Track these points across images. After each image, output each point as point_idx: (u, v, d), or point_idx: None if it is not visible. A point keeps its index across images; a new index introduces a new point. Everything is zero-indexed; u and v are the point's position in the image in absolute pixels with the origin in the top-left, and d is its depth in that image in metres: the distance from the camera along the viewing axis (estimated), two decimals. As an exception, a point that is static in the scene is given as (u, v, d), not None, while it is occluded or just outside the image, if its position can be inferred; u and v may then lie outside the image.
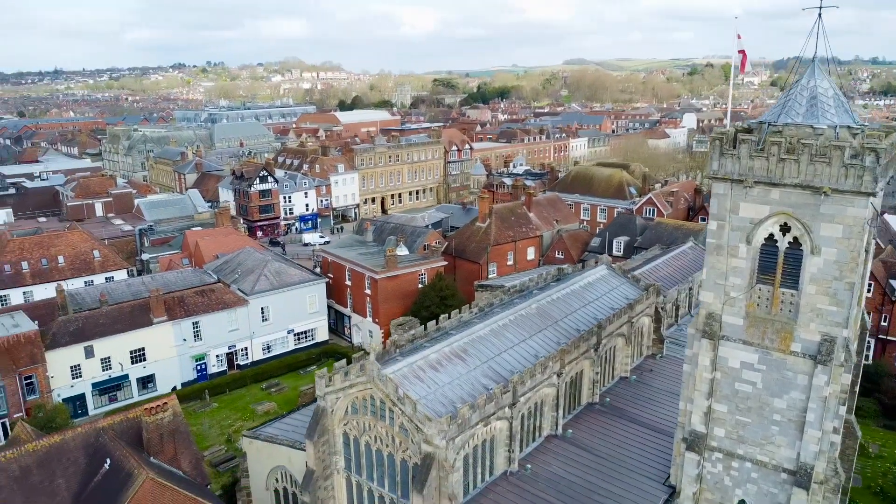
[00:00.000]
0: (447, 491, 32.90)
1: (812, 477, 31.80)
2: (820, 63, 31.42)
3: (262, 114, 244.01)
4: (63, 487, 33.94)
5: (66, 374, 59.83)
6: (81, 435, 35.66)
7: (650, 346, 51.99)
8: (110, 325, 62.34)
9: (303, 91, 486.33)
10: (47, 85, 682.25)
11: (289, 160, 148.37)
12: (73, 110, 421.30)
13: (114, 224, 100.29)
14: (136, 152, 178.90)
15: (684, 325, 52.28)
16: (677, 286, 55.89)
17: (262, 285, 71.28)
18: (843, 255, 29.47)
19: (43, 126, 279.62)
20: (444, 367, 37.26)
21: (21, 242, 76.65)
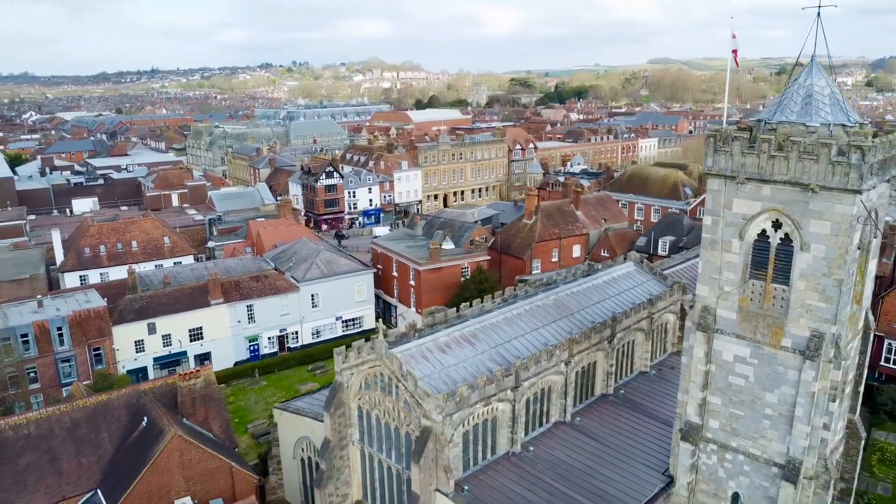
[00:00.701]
0: (443, 463, 35.07)
1: (801, 472, 32.18)
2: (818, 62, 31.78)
3: (337, 112, 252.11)
4: (106, 440, 38.19)
5: (130, 348, 65.38)
6: (125, 396, 39.90)
7: (675, 344, 52.28)
8: (172, 304, 67.60)
9: (381, 90, 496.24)
10: (144, 83, 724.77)
11: (356, 157, 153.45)
12: (165, 107, 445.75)
13: (187, 213, 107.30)
14: (216, 148, 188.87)
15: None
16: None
17: (313, 273, 75.25)
18: (831, 251, 29.84)
19: (136, 122, 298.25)
20: (452, 349, 39.39)
21: (100, 228, 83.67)
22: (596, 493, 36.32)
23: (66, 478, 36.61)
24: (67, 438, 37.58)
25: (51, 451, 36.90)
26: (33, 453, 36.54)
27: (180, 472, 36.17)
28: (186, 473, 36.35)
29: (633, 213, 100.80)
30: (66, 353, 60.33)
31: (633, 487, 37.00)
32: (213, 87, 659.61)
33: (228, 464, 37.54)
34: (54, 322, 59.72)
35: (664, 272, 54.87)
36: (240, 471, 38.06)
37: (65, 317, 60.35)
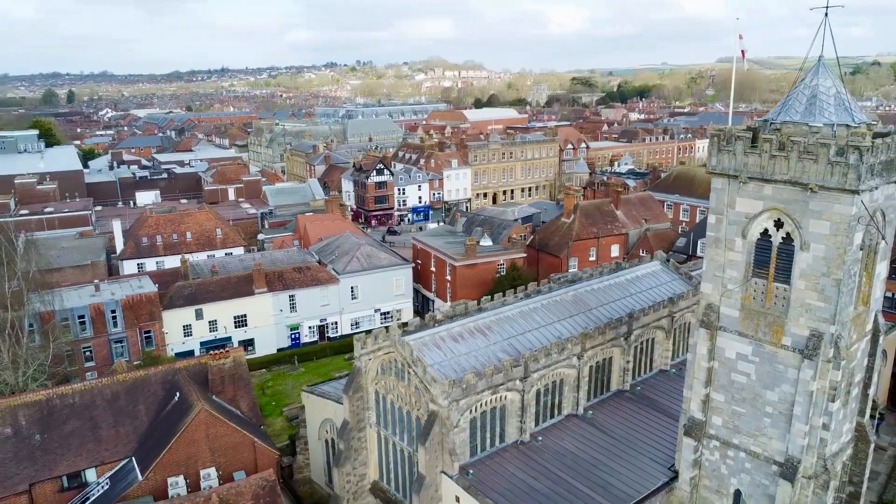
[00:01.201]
0: (449, 447, 36.65)
1: (798, 470, 32.34)
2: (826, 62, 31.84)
3: (394, 111, 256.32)
4: (143, 412, 41.32)
5: (178, 332, 69.33)
6: (161, 372, 43.00)
7: (699, 344, 52.19)
8: (218, 292, 71.28)
9: (441, 89, 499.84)
10: (214, 82, 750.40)
11: (408, 155, 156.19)
12: (232, 105, 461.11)
13: (241, 207, 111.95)
14: (276, 145, 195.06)
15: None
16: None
17: (353, 266, 77.86)
18: (830, 251, 29.98)
19: (204, 119, 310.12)
20: (465, 339, 40.89)
21: (157, 219, 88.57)
22: (598, 484, 37.19)
23: (105, 444, 39.84)
24: (108, 409, 40.85)
25: (92, 420, 40.22)
26: (77, 420, 39.92)
27: (206, 445, 38.84)
28: (212, 446, 39.00)
29: (679, 214, 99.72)
30: (119, 335, 64.64)
31: (637, 480, 37.69)
32: (280, 86, 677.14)
33: (251, 439, 40.05)
34: (109, 305, 64.09)
35: (692, 273, 54.81)
36: (262, 446, 40.51)
37: (118, 301, 64.65)
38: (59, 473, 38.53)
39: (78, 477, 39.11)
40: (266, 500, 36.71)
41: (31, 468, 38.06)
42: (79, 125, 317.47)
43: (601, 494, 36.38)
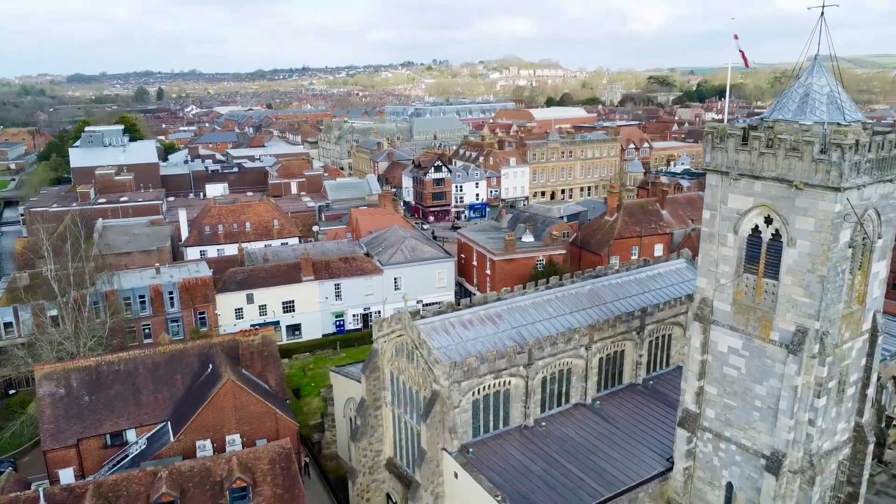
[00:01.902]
0: (449, 425, 38.74)
1: (783, 464, 32.76)
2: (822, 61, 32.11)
3: (462, 109, 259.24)
4: (179, 381, 45.30)
5: (230, 315, 74.05)
6: (198, 346, 46.94)
7: (721, 342, 52.19)
8: (268, 278, 75.64)
9: (514, 88, 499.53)
10: (295, 81, 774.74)
11: (468, 152, 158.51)
12: (310, 103, 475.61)
13: (302, 200, 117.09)
14: (343, 141, 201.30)
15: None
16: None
17: (397, 258, 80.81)
18: (815, 248, 30.39)
19: (281, 117, 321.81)
20: (474, 326, 42.83)
21: (220, 210, 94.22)
22: (592, 469, 38.45)
23: (145, 408, 44.01)
24: (149, 377, 45.06)
25: (135, 386, 44.49)
26: (121, 385, 44.26)
27: (233, 413, 42.37)
28: (237, 414, 42.50)
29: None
30: (175, 314, 69.77)
31: (632, 468, 38.72)
32: (357, 85, 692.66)
33: (273, 410, 43.33)
34: (167, 287, 69.31)
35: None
36: (283, 417, 43.74)
37: (176, 283, 69.80)
38: (104, 432, 42.92)
39: (119, 436, 43.44)
40: (281, 465, 39.85)
41: (80, 425, 42.57)
42: (164, 121, 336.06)
43: (593, 479, 37.65)
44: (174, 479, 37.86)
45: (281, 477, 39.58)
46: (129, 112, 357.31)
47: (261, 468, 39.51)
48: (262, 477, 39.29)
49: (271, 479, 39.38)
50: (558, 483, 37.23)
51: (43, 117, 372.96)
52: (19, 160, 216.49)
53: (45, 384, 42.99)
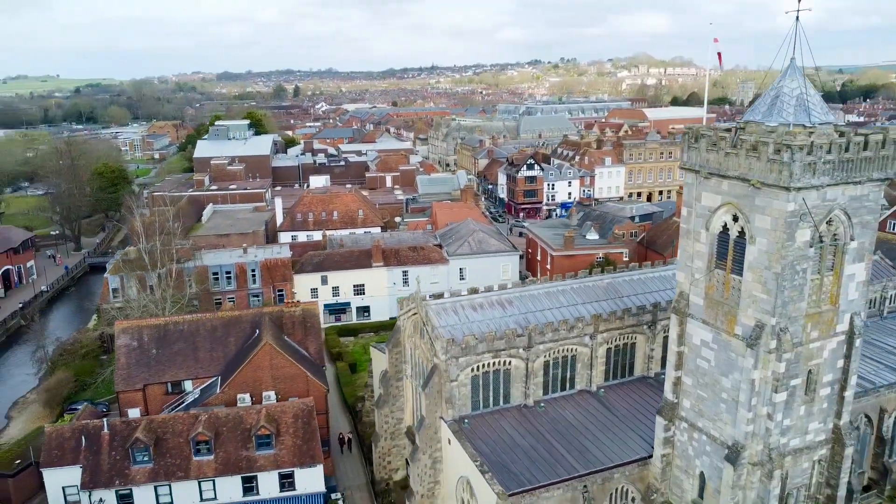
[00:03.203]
0: (446, 396, 42.46)
1: (742, 456, 33.87)
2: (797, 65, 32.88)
3: (575, 108, 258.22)
4: (232, 343, 52.02)
5: (307, 294, 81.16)
6: (251, 314, 53.50)
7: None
8: (342, 262, 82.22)
9: (638, 87, 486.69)
10: (423, 79, 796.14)
11: (565, 151, 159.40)
12: (432, 101, 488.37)
13: (393, 193, 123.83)
14: (450, 139, 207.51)
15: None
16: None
17: (463, 250, 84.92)
18: (772, 245, 31.49)
19: (401, 114, 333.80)
20: (484, 309, 46.20)
21: (312, 199, 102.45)
22: (577, 448, 40.81)
23: (201, 364, 51.04)
24: (207, 337, 52.11)
25: (194, 344, 51.66)
26: (183, 343, 51.57)
27: (269, 372, 48.38)
28: (273, 374, 48.46)
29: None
30: (256, 290, 77.81)
31: (615, 451, 40.70)
32: (481, 83, 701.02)
33: (305, 373, 48.92)
34: (250, 265, 77.47)
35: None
36: (313, 380, 49.23)
37: (258, 262, 77.82)
38: (166, 380, 50.37)
39: (179, 385, 50.76)
40: (303, 420, 45.47)
41: (147, 373, 50.24)
42: (295, 117, 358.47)
43: (574, 457, 40.04)
44: (211, 422, 44.33)
45: (302, 430, 45.16)
46: (266, 108, 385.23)
47: (285, 421, 45.25)
48: (285, 428, 45.03)
49: (293, 430, 45.02)
50: (539, 457, 39.97)
51: (190, 112, 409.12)
52: (162, 150, 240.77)
53: (122, 337, 51.10)
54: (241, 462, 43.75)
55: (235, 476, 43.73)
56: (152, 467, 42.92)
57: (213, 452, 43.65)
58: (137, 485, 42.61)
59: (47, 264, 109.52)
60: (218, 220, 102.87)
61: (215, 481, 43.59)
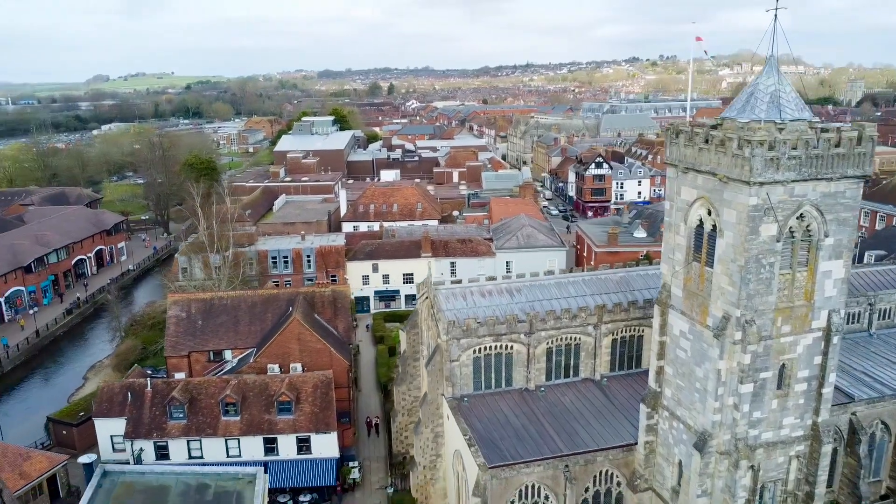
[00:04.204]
0: (446, 374, 45.17)
1: (709, 444, 34.76)
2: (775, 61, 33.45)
3: (661, 107, 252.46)
4: (269, 318, 56.75)
5: (358, 280, 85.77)
6: (287, 293, 58.12)
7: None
8: (392, 251, 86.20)
9: (737, 85, 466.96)
10: (517, 77, 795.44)
11: (639, 150, 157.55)
12: (523, 99, 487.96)
13: (458, 188, 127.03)
14: (528, 136, 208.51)
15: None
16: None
17: (511, 244, 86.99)
18: (737, 238, 32.35)
19: (488, 112, 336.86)
20: (492, 296, 48.52)
21: (374, 191, 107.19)
22: (566, 431, 42.54)
23: (240, 336, 56.08)
24: (248, 312, 57.12)
25: (236, 317, 56.76)
26: (226, 316, 56.78)
27: (297, 346, 52.64)
28: (300, 347, 52.68)
29: (875, 223, 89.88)
30: (311, 275, 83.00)
31: (603, 437, 42.16)
32: (574, 81, 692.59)
33: (328, 348, 52.87)
34: (306, 251, 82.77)
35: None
36: (336, 355, 53.10)
37: (313, 248, 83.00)
38: (208, 349, 55.74)
39: (220, 354, 56.00)
40: (321, 390, 49.50)
41: (192, 342, 55.74)
42: (384, 114, 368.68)
43: (562, 438, 41.81)
44: (239, 387, 49.09)
45: (320, 399, 49.18)
46: (358, 105, 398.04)
47: (305, 390, 49.41)
48: (305, 397, 49.18)
49: (312, 399, 49.11)
50: (528, 436, 42.02)
51: (288, 108, 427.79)
52: (256, 144, 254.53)
53: (173, 308, 56.90)
54: (264, 424, 48.21)
55: (258, 436, 48.27)
56: (186, 423, 48.05)
57: (239, 414, 48.35)
58: (172, 438, 47.87)
59: (138, 246, 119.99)
60: (288, 210, 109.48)
61: (240, 440, 48.26)
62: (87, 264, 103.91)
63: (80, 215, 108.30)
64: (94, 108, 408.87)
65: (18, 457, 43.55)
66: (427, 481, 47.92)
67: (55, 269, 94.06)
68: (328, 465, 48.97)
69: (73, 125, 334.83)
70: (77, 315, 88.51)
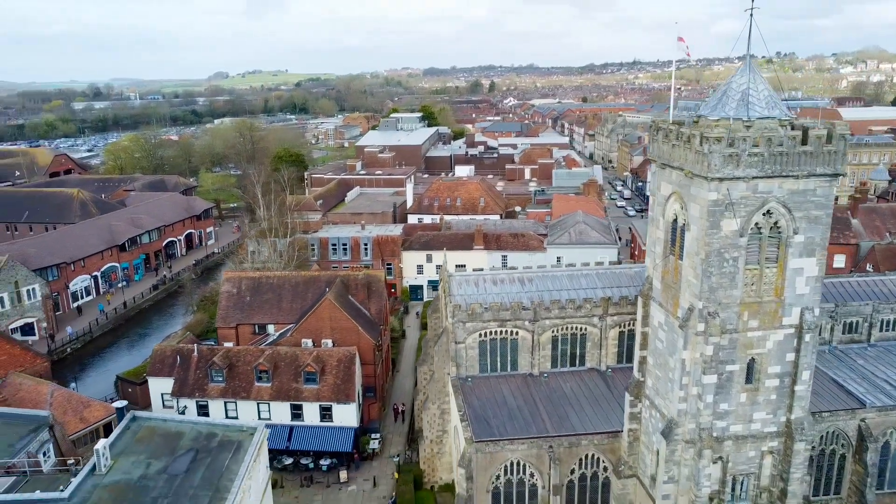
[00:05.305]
0: (451, 355, 48.06)
1: (674, 432, 35.94)
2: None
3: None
4: (309, 297, 61.63)
5: (413, 270, 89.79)
6: (326, 275, 62.85)
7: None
8: (446, 243, 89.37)
9: (854, 84, 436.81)
10: (622, 74, 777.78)
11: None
12: (624, 97, 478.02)
13: (528, 185, 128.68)
14: (614, 135, 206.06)
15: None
16: (859, 302, 51.06)
17: (562, 239, 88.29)
18: (700, 232, 33.52)
19: (581, 110, 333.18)
20: (503, 284, 50.91)
21: (439, 186, 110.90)
22: (558, 415, 44.48)
23: (283, 312, 61.27)
24: (291, 291, 62.27)
25: (280, 295, 62.04)
26: (272, 294, 62.17)
27: (328, 323, 57.07)
28: (331, 325, 57.06)
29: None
30: (367, 262, 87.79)
31: (593, 422, 43.84)
32: (681, 79, 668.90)
33: (356, 327, 56.92)
34: (363, 240, 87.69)
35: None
36: (364, 334, 57.05)
37: (370, 238, 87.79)
38: (254, 322, 61.27)
39: (264, 328, 61.42)
40: (345, 364, 53.74)
41: (240, 315, 61.47)
42: (480, 111, 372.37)
43: (553, 421, 43.79)
44: (272, 357, 54.11)
45: (343, 373, 53.43)
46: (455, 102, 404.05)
47: (330, 363, 53.79)
48: (329, 369, 53.58)
49: (335, 372, 53.43)
50: (520, 416, 44.31)
51: (389, 105, 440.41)
52: (352, 139, 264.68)
53: (226, 284, 62.94)
54: (291, 391, 52.96)
55: (286, 402, 53.09)
56: (224, 386, 53.56)
57: (270, 381, 53.34)
58: (212, 398, 53.51)
59: (227, 231, 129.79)
60: (359, 201, 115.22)
61: (270, 404, 53.26)
62: (177, 246, 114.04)
63: (173, 201, 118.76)
64: (209, 103, 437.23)
65: (80, 404, 50.32)
66: (434, 455, 51.08)
67: (147, 249, 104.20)
68: (347, 433, 53.08)
69: (189, 119, 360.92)
70: (162, 291, 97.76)
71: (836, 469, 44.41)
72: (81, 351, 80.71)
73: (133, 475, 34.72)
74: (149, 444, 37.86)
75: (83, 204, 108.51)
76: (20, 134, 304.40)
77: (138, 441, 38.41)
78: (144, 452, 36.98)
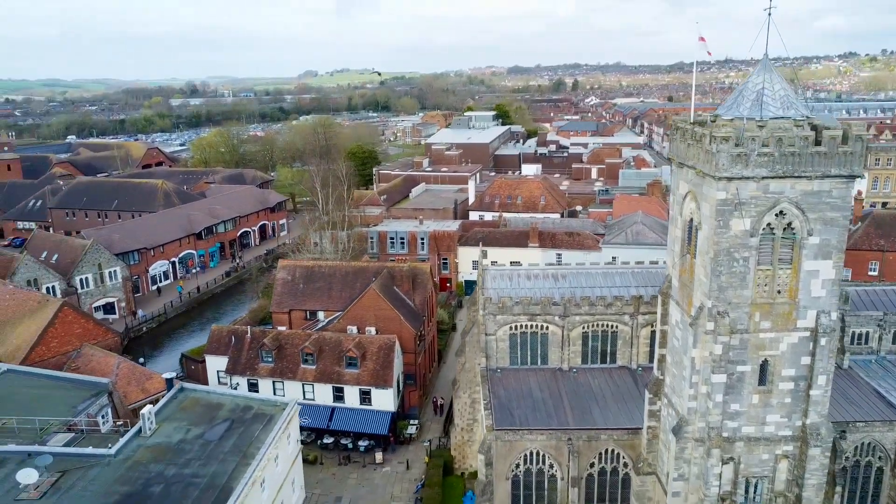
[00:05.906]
0: (481, 346, 49.63)
1: (684, 430, 36.32)
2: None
3: (854, 107, 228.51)
4: (358, 287, 64.49)
5: (468, 264, 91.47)
6: (375, 266, 65.63)
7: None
8: (501, 239, 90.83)
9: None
10: (711, 73, 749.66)
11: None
12: (712, 97, 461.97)
13: (592, 184, 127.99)
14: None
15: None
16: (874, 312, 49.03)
17: (617, 239, 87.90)
18: (710, 231, 33.87)
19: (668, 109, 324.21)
20: (537, 279, 52.03)
21: (501, 183, 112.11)
22: (581, 409, 45.35)
23: (332, 299, 64.47)
24: (341, 280, 65.39)
25: (330, 284, 65.27)
26: (323, 282, 65.49)
27: (372, 312, 59.77)
28: (375, 314, 59.73)
29: None
30: (423, 256, 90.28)
31: (615, 420, 44.44)
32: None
33: (398, 316, 59.33)
34: (420, 234, 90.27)
35: (848, 288, 51.33)
36: (405, 323, 59.37)
37: (427, 232, 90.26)
38: (305, 308, 64.76)
39: (314, 314, 64.80)
40: (384, 351, 56.28)
41: (293, 301, 65.10)
42: (560, 110, 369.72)
43: (575, 415, 44.70)
44: (318, 341, 57.31)
45: (382, 359, 56.01)
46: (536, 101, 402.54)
47: (371, 350, 56.47)
48: (370, 355, 56.27)
49: (375, 358, 56.08)
50: (542, 408, 45.45)
51: (470, 103, 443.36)
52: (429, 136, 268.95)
53: (281, 271, 66.75)
54: (333, 375, 55.95)
55: (328, 385, 56.12)
56: (273, 366, 57.14)
57: (315, 364, 56.51)
58: (261, 377, 57.20)
59: (299, 224, 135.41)
60: (423, 197, 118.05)
61: (314, 385, 56.44)
62: (251, 236, 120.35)
63: (250, 193, 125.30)
64: (296, 101, 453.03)
65: (143, 376, 54.96)
66: (464, 442, 52.83)
67: (222, 238, 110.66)
68: (384, 416, 55.57)
69: (276, 116, 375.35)
70: (234, 278, 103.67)
71: (871, 482, 43.26)
72: (156, 330, 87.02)
73: (173, 439, 38.26)
74: (191, 413, 41.46)
75: (166, 194, 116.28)
76: (121, 128, 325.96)
77: (182, 409, 42.07)
78: (186, 419, 40.56)
